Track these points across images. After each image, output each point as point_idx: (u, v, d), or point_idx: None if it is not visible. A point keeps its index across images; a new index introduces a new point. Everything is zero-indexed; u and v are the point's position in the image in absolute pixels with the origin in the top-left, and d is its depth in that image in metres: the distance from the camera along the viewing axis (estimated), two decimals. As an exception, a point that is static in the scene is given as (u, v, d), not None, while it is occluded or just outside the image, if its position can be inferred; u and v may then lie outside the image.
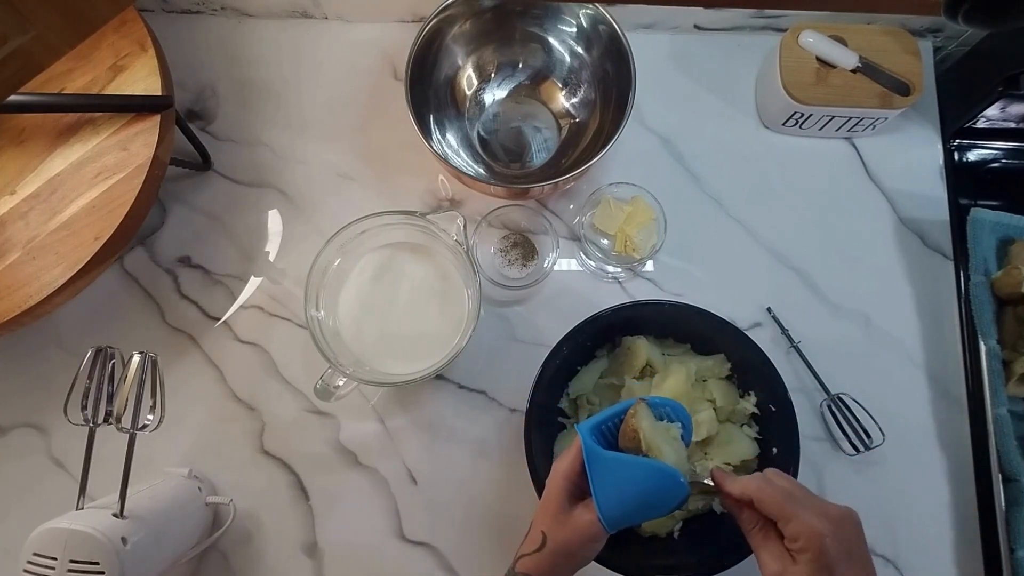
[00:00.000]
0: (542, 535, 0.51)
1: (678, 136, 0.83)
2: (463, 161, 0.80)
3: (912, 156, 0.83)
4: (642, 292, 0.79)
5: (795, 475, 0.63)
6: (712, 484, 0.53)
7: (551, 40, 0.80)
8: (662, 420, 0.53)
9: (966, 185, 0.82)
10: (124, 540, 0.55)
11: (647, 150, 0.83)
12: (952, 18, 0.32)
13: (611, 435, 0.53)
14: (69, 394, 0.60)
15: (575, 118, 0.81)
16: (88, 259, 0.63)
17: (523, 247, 0.79)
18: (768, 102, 0.82)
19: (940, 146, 0.83)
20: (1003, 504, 0.70)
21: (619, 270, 0.79)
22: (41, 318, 0.66)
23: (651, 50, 0.83)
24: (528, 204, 0.80)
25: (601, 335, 0.71)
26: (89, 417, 0.59)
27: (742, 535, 0.51)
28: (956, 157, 0.83)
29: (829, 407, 0.74)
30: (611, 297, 0.78)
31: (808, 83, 0.77)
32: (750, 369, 0.68)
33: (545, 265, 0.77)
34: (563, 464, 0.52)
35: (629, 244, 0.76)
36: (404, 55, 0.71)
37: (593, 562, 0.61)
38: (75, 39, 0.35)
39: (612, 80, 0.76)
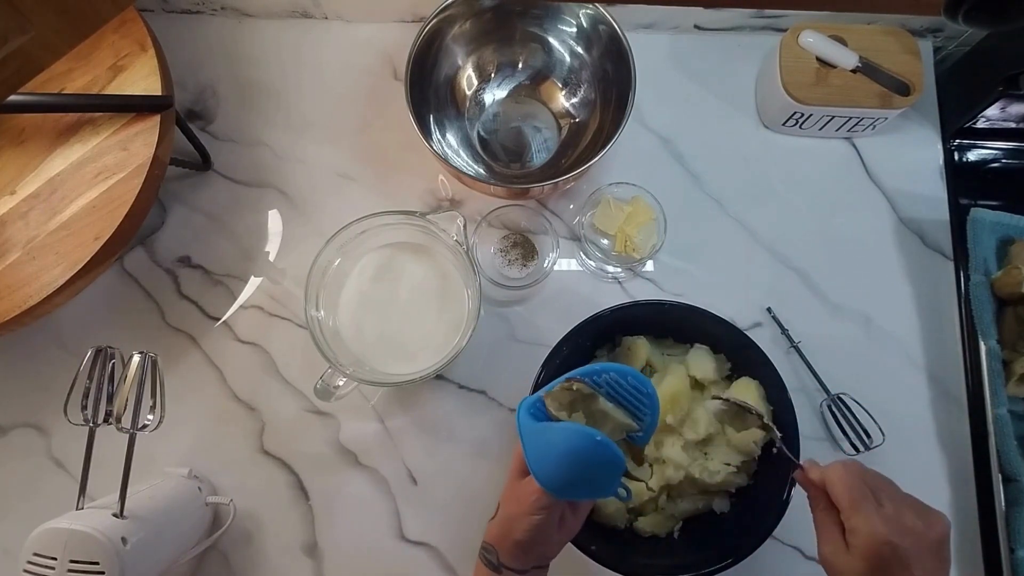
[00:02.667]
0: (498, 505, 0.55)
1: (678, 136, 0.83)
2: (463, 161, 0.80)
3: (912, 156, 0.83)
4: (642, 292, 0.79)
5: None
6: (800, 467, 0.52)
7: (551, 40, 0.80)
8: (597, 390, 0.52)
9: (966, 185, 0.82)
10: (124, 540, 0.55)
11: (647, 150, 0.83)
12: (952, 18, 0.32)
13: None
14: (69, 394, 0.60)
15: (575, 118, 0.81)
16: (88, 259, 0.63)
17: (523, 247, 0.79)
18: (768, 102, 0.82)
19: (940, 146, 0.83)
20: (1003, 504, 0.70)
21: (619, 270, 0.79)
22: (41, 318, 0.66)
23: (651, 50, 0.83)
24: (528, 204, 0.80)
25: (601, 335, 0.71)
26: (89, 417, 0.59)
27: (744, 533, 0.51)
28: (956, 157, 0.83)
29: (829, 407, 0.74)
30: (611, 297, 0.78)
31: (808, 83, 0.77)
32: (750, 369, 0.68)
33: (545, 265, 0.77)
34: (517, 444, 0.54)
35: (629, 244, 0.76)
36: (404, 55, 0.71)
37: (594, 562, 0.62)
38: (75, 39, 0.35)
39: (612, 80, 0.76)
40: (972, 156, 0.83)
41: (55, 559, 0.53)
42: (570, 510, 0.54)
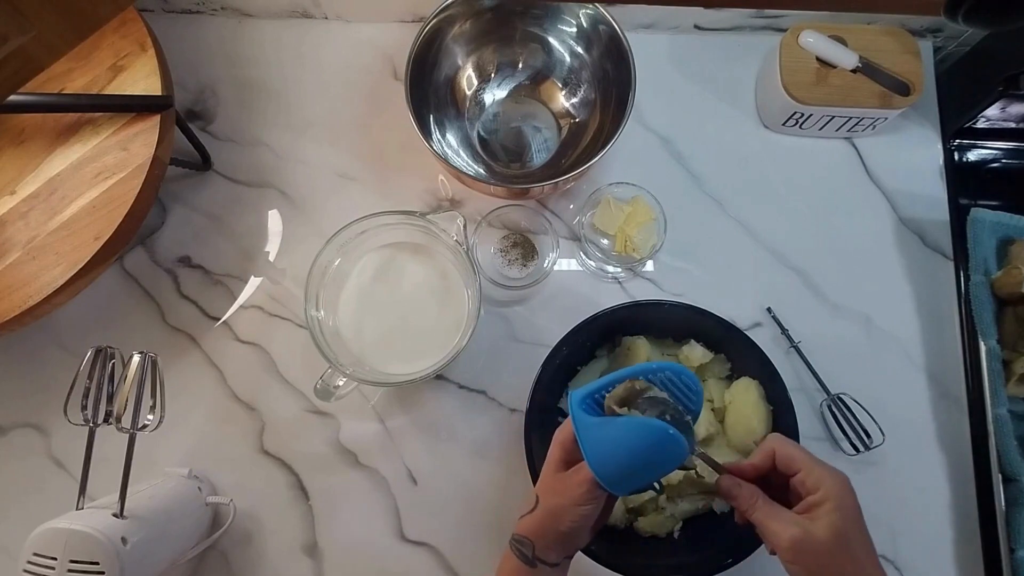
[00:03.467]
0: (536, 498, 0.53)
1: (678, 136, 0.83)
2: (463, 161, 0.80)
3: (912, 156, 0.83)
4: (642, 292, 0.79)
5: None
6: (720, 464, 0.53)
7: (551, 40, 0.80)
8: (654, 387, 0.53)
9: (966, 185, 0.82)
10: (124, 540, 0.55)
11: (647, 150, 0.83)
12: (952, 18, 0.32)
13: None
14: (69, 394, 0.60)
15: (575, 118, 0.81)
16: (88, 259, 0.63)
17: (523, 247, 0.79)
18: (768, 102, 0.82)
19: (940, 146, 0.83)
20: (1003, 504, 0.70)
21: (619, 270, 0.79)
22: (41, 318, 0.66)
23: (651, 50, 0.83)
24: (528, 204, 0.80)
25: (601, 335, 0.71)
26: (89, 417, 0.59)
27: (742, 529, 0.51)
28: (956, 157, 0.83)
29: (829, 407, 0.74)
30: (611, 297, 0.78)
31: (808, 83, 0.77)
32: (750, 369, 0.68)
33: (545, 265, 0.77)
34: (560, 433, 0.54)
35: (629, 244, 0.76)
36: (404, 55, 0.71)
37: (594, 562, 0.62)
38: (75, 39, 0.35)
39: (612, 80, 0.76)
40: (972, 156, 0.83)
41: (55, 559, 0.53)
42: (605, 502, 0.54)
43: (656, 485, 0.52)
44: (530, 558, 0.51)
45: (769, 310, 0.78)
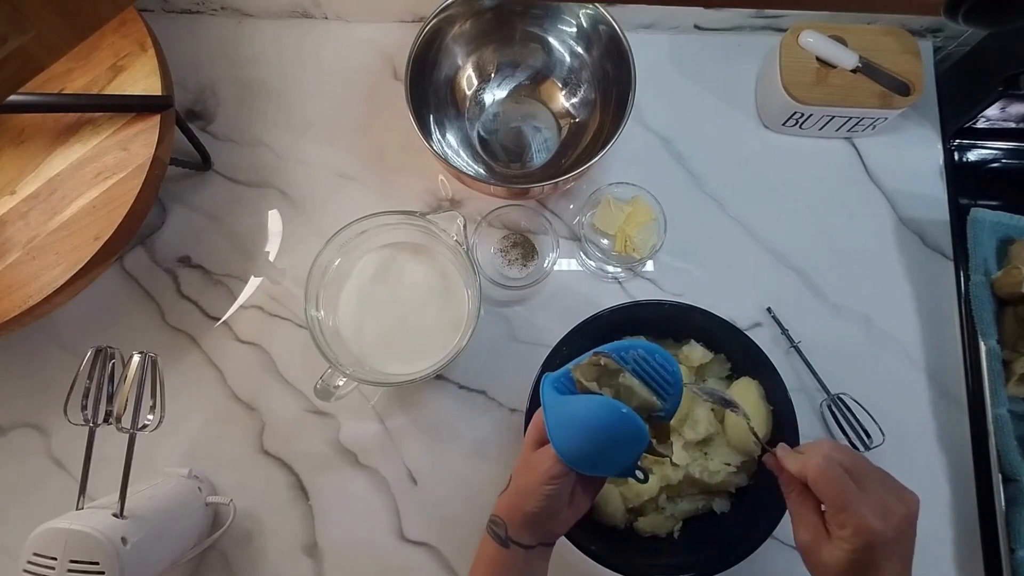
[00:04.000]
0: (510, 478, 0.54)
1: (678, 136, 0.83)
2: (463, 161, 0.80)
3: (912, 156, 0.83)
4: (642, 292, 0.79)
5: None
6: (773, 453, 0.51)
7: (551, 40, 0.80)
8: (623, 366, 0.52)
9: (966, 185, 0.82)
10: (124, 540, 0.55)
11: (647, 150, 0.83)
12: (952, 18, 0.32)
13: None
14: (69, 394, 0.60)
15: (575, 118, 0.81)
16: (88, 259, 0.63)
17: (523, 247, 0.79)
18: (768, 102, 0.82)
19: (940, 146, 0.83)
20: (1003, 504, 0.70)
21: (619, 270, 0.79)
22: (41, 318, 0.66)
23: (651, 50, 0.83)
24: (528, 204, 0.80)
25: (601, 335, 0.71)
26: (89, 417, 0.59)
27: (744, 533, 0.51)
28: (956, 157, 0.83)
29: (829, 407, 0.74)
30: (611, 297, 0.78)
31: (808, 83, 0.77)
32: (750, 369, 0.68)
33: (545, 265, 0.77)
34: (537, 414, 0.53)
35: (629, 244, 0.76)
36: (404, 55, 0.71)
37: (594, 562, 0.62)
38: (75, 39, 0.35)
39: (612, 80, 0.76)
40: (972, 156, 0.83)
41: (55, 559, 0.53)
42: (581, 488, 0.53)
43: (639, 473, 0.51)
44: (503, 538, 0.51)
45: (769, 310, 0.78)
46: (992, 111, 0.76)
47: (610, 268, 0.79)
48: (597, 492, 0.56)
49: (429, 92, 0.78)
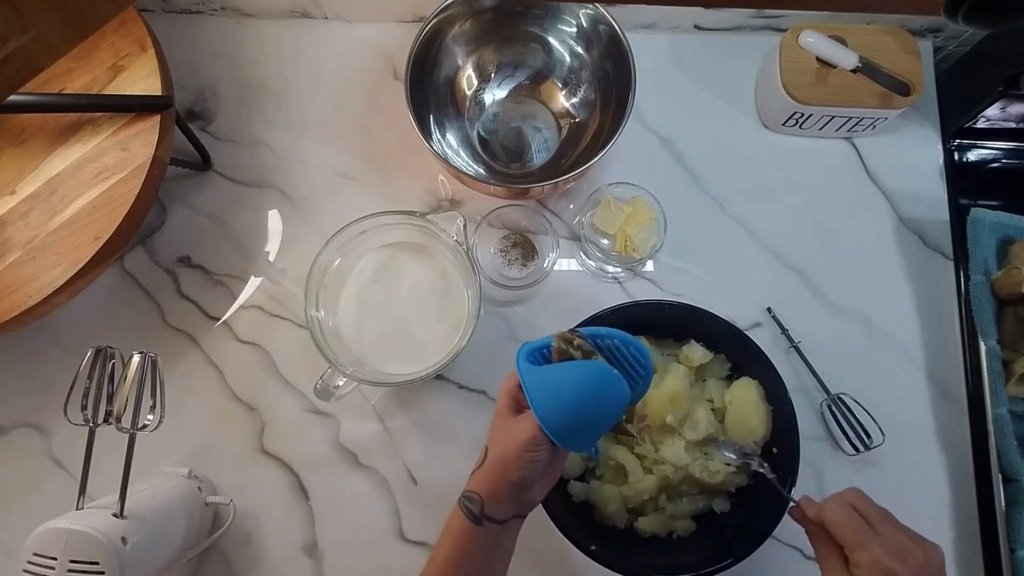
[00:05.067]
0: (485, 450, 0.52)
1: (678, 136, 0.83)
2: (463, 161, 0.80)
3: (912, 156, 0.83)
4: (642, 292, 0.79)
5: (794, 476, 0.63)
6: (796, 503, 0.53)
7: (551, 40, 0.80)
8: (597, 351, 0.53)
9: (966, 185, 0.82)
10: (124, 540, 0.55)
11: (647, 150, 0.83)
12: (952, 18, 0.32)
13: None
14: (69, 394, 0.60)
15: (575, 118, 0.81)
16: (88, 259, 0.63)
17: (523, 247, 0.79)
18: (768, 102, 0.82)
19: (940, 146, 0.83)
20: (1003, 504, 0.70)
21: (619, 270, 0.79)
22: (41, 318, 0.66)
23: (651, 50, 0.83)
24: (528, 204, 0.80)
25: (601, 335, 0.71)
26: (89, 417, 0.59)
27: (744, 533, 0.51)
28: (956, 157, 0.83)
29: (829, 407, 0.74)
30: (611, 297, 0.78)
31: (808, 83, 0.77)
32: (750, 369, 0.68)
33: (545, 265, 0.77)
34: (506, 382, 0.53)
35: (629, 244, 0.76)
36: (404, 55, 0.71)
37: (594, 562, 0.62)
38: (75, 39, 0.35)
39: (612, 80, 0.76)
40: (972, 156, 0.83)
41: (55, 559, 0.53)
42: (551, 456, 0.52)
43: (593, 448, 0.52)
44: (477, 515, 0.49)
45: (769, 310, 0.78)
46: (992, 111, 0.76)
47: (610, 268, 0.79)
48: (565, 459, 0.56)
49: (429, 92, 0.78)
